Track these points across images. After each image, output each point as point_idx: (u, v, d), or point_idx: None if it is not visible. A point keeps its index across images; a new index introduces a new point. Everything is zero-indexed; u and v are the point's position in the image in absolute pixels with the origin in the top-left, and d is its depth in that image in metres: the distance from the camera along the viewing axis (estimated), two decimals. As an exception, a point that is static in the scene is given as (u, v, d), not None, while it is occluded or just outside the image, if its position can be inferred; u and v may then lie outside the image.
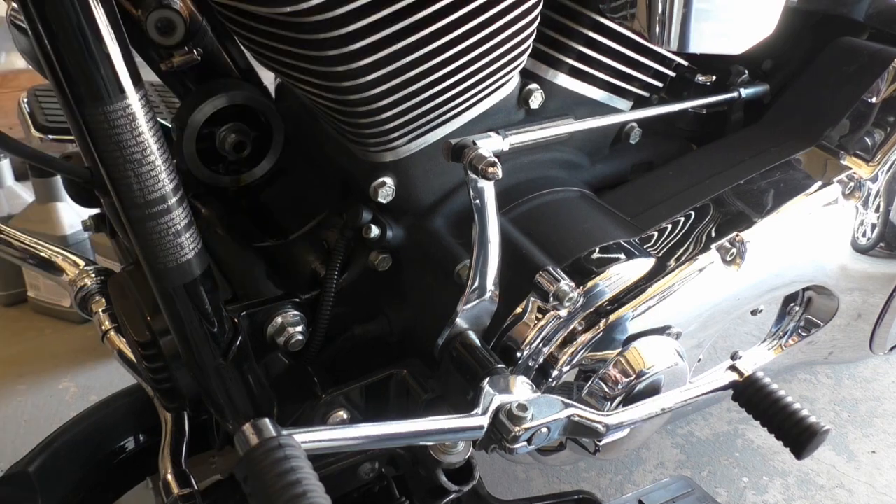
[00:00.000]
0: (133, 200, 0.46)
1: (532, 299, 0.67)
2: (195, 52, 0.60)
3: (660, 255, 0.73)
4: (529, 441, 0.61)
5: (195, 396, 0.60)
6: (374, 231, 0.67)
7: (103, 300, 0.70)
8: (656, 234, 0.75)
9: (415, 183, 0.67)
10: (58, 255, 0.75)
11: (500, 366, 0.63)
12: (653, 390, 0.75)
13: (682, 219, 0.78)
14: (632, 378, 0.74)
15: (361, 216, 0.66)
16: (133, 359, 0.64)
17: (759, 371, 0.78)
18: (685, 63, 0.81)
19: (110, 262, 1.44)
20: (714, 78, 0.89)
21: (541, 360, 0.72)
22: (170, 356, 0.57)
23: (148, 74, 0.51)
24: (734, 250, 0.76)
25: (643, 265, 0.71)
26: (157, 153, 0.45)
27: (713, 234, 0.77)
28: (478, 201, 0.64)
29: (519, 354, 0.70)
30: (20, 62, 2.17)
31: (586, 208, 0.76)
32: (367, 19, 0.50)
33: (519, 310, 0.68)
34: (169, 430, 0.68)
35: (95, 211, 0.87)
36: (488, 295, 0.63)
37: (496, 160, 0.61)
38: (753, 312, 0.91)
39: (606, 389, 0.75)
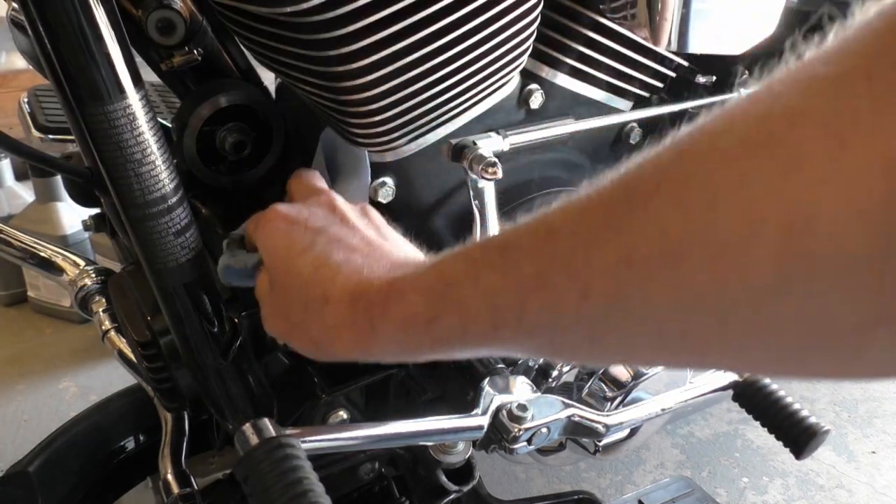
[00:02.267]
0: (133, 200, 0.46)
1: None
2: (195, 52, 0.60)
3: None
4: (529, 441, 0.61)
5: (195, 396, 0.60)
6: (375, 231, 0.67)
7: (103, 300, 0.70)
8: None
9: (415, 183, 0.67)
10: (58, 255, 0.75)
11: (499, 366, 0.63)
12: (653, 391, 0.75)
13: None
14: (632, 378, 0.74)
15: (361, 216, 0.66)
16: (133, 359, 0.64)
17: (759, 371, 0.78)
18: (685, 63, 0.81)
19: (110, 262, 1.44)
20: (714, 78, 0.89)
21: (540, 360, 0.72)
22: (170, 356, 0.57)
23: (148, 74, 0.51)
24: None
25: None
26: (158, 153, 0.45)
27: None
28: (478, 202, 0.64)
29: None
30: (20, 62, 2.17)
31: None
32: (367, 19, 0.50)
33: (519, 310, 0.68)
34: (169, 430, 0.68)
35: (95, 211, 0.87)
36: (488, 295, 0.63)
37: (496, 160, 0.61)
38: (753, 312, 0.91)
39: (606, 390, 0.75)
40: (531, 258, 0.32)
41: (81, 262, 0.73)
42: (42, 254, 0.76)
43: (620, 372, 0.75)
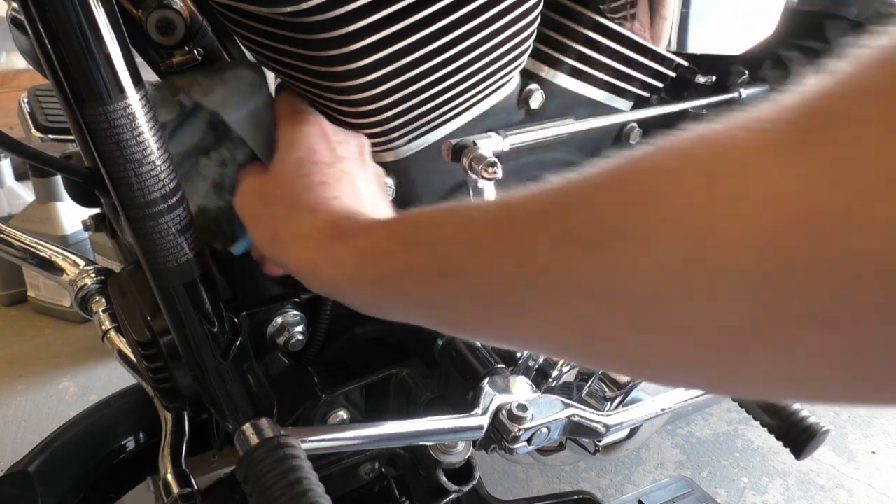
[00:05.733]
0: (133, 200, 0.46)
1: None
2: (195, 52, 0.60)
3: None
4: (529, 441, 0.61)
5: (195, 396, 0.60)
6: (375, 231, 0.67)
7: (103, 300, 0.70)
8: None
9: (415, 183, 0.67)
10: (58, 255, 0.75)
11: (499, 366, 0.63)
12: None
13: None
14: (632, 379, 0.74)
15: (361, 216, 0.66)
16: (133, 359, 0.64)
17: (759, 371, 0.78)
18: (685, 63, 0.81)
19: (110, 262, 1.44)
20: (714, 78, 0.89)
21: (540, 359, 0.72)
22: (170, 356, 0.57)
23: (148, 74, 0.51)
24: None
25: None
26: (158, 153, 0.45)
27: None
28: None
29: (519, 354, 0.70)
30: (20, 62, 2.17)
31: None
32: (367, 19, 0.50)
33: (519, 310, 0.68)
34: (169, 430, 0.68)
35: (95, 211, 0.87)
36: (488, 295, 0.63)
37: (496, 160, 0.61)
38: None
39: (606, 390, 0.75)
40: (485, 229, 0.35)
41: (81, 262, 0.73)
42: (42, 254, 0.76)
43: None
